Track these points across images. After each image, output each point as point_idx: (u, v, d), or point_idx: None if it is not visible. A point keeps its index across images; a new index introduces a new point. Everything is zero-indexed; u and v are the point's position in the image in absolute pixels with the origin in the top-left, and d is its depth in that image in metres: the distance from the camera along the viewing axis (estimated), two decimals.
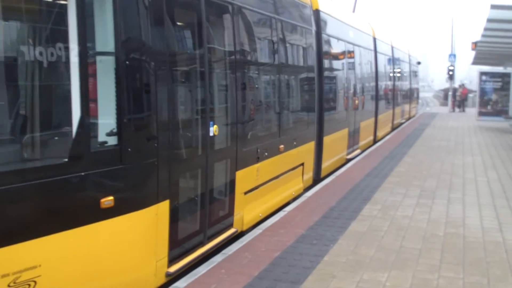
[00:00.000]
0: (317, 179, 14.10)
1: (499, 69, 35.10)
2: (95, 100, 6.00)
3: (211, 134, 8.10)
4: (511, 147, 21.68)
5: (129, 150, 6.29)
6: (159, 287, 7.12)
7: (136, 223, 6.54)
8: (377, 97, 23.14)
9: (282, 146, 11.11)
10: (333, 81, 15.79)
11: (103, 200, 5.98)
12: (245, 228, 9.61)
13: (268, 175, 10.53)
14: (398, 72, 30.27)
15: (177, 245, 7.45)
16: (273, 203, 10.96)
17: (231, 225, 9.13)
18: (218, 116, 8.49)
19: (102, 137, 6.11)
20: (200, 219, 8.08)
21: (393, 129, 28.43)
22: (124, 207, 6.27)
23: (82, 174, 5.79)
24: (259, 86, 10.67)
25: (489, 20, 12.77)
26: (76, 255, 5.80)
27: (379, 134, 24.10)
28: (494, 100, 33.94)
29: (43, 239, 5.40)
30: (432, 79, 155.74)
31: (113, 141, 6.16)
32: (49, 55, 5.55)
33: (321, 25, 14.25)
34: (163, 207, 6.95)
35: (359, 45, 19.49)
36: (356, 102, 18.45)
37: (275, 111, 11.16)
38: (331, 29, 15.43)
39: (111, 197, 6.06)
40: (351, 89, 18.06)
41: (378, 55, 23.50)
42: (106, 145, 6.14)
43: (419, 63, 42.56)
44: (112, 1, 5.97)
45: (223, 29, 8.87)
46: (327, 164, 14.85)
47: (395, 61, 29.01)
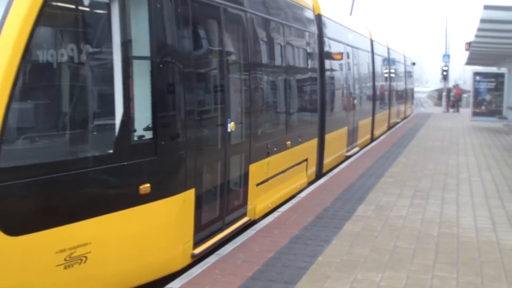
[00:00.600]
0: (319, 174, 14.73)
1: (493, 70, 35.14)
2: (134, 99, 6.73)
3: (229, 130, 8.90)
4: (505, 147, 21.73)
5: (162, 143, 7.10)
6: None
7: (167, 208, 7.32)
8: (374, 97, 23.92)
9: (289, 142, 11.86)
10: (334, 82, 16.51)
11: (141, 186, 6.81)
12: (257, 217, 10.28)
13: (276, 169, 11.27)
14: (393, 73, 31.15)
15: (201, 230, 8.15)
16: (281, 195, 11.67)
17: (245, 214, 9.85)
18: (234, 114, 9.27)
19: (140, 132, 6.88)
20: (219, 207, 8.85)
21: (389, 128, 29.05)
22: (158, 193, 7.05)
23: (125, 163, 6.62)
24: (269, 87, 11.54)
25: (482, 20, 12.79)
26: (119, 235, 6.62)
27: (376, 133, 24.82)
28: (488, 100, 34.00)
29: (93, 219, 6.23)
30: (426, 80, 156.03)
31: (149, 135, 6.96)
32: (97, 61, 6.64)
33: (322, 29, 15.07)
34: (190, 195, 7.71)
35: (358, 47, 20.26)
36: (354, 102, 19.21)
37: (283, 110, 11.98)
38: (331, 33, 16.12)
39: (148, 184, 6.87)
40: (350, 90, 18.81)
41: (375, 56, 24.30)
42: (143, 138, 6.92)
43: (414, 64, 43.43)
44: (148, 16, 6.88)
45: (239, 35, 9.71)
46: (328, 160, 15.57)
47: (391, 62, 29.79)
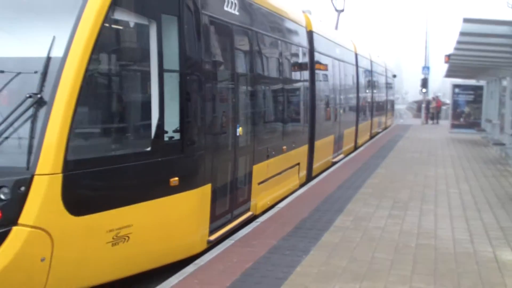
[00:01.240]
0: (309, 178, 15.98)
1: (472, 82, 35.43)
2: (165, 105, 7.94)
3: (237, 134, 10.30)
4: (483, 159, 21.88)
5: (187, 143, 8.38)
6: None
7: (191, 199, 8.57)
8: (358, 108, 25.38)
9: (285, 147, 13.33)
10: (323, 93, 17.82)
11: (171, 179, 8.10)
12: (257, 212, 11.48)
13: (274, 170, 12.62)
14: (376, 84, 32.76)
15: (214, 220, 9.39)
16: (277, 195, 12.92)
17: (248, 209, 11.14)
18: (241, 120, 10.63)
19: (170, 133, 8.13)
20: (229, 201, 10.17)
21: (371, 137, 30.49)
22: (184, 186, 8.30)
23: (159, 159, 7.91)
24: (270, 96, 12.97)
25: (462, 33, 12.88)
26: (153, 220, 7.88)
27: (359, 141, 26.16)
28: (466, 112, 34.23)
29: (134, 206, 7.50)
30: (406, 91, 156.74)
31: (177, 136, 8.22)
32: (138, 73, 8.07)
33: (314, 44, 16.44)
34: (207, 189, 8.98)
35: (344, 60, 21.77)
36: (341, 112, 20.77)
37: (280, 117, 13.40)
38: (321, 47, 17.47)
39: (177, 178, 8.16)
40: (337, 100, 20.32)
41: (359, 69, 25.87)
42: (172, 139, 8.16)
43: (394, 76, 45.38)
44: (177, 36, 8.20)
45: (247, 52, 11.15)
46: (317, 165, 16.89)
47: (373, 75, 31.45)
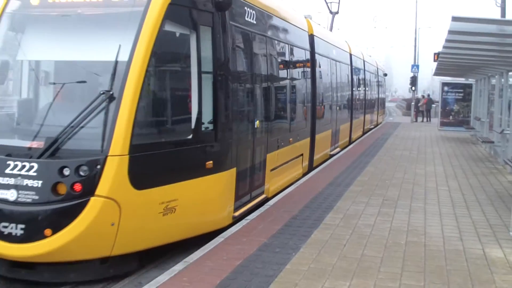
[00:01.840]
0: (310, 168, 17.41)
1: (461, 80, 35.46)
2: (202, 101, 9.53)
3: (256, 126, 11.86)
4: (472, 157, 21.96)
5: (219, 133, 9.95)
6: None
7: (221, 180, 10.15)
8: (352, 105, 26.85)
9: (291, 139, 14.78)
10: (322, 91, 19.26)
11: (207, 162, 9.70)
12: (270, 195, 12.91)
13: (283, 159, 14.12)
14: (368, 83, 34.50)
15: (238, 199, 10.96)
16: (285, 181, 14.37)
17: (263, 192, 12.59)
18: (258, 114, 12.23)
19: (206, 124, 9.75)
20: (249, 183, 11.66)
21: (364, 133, 31.91)
22: (216, 168, 9.89)
23: (198, 146, 9.59)
24: (280, 94, 14.50)
25: (450, 31, 12.88)
26: (193, 196, 9.46)
27: (353, 136, 27.72)
28: (456, 110, 34.30)
29: (179, 183, 9.11)
30: (395, 89, 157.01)
31: (211, 127, 9.83)
32: (183, 74, 9.59)
33: (314, 47, 18.02)
34: (233, 172, 10.56)
35: (340, 61, 23.38)
36: (337, 109, 22.34)
37: (288, 112, 14.88)
38: (321, 49, 19.10)
39: (211, 161, 9.75)
40: (334, 98, 21.82)
41: (353, 68, 27.46)
42: (208, 129, 9.79)
43: (385, 74, 47.41)
44: (211, 43, 9.80)
45: (263, 55, 12.70)
46: (317, 156, 18.41)
47: (366, 74, 33.16)
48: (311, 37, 17.89)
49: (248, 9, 11.67)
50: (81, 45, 9.19)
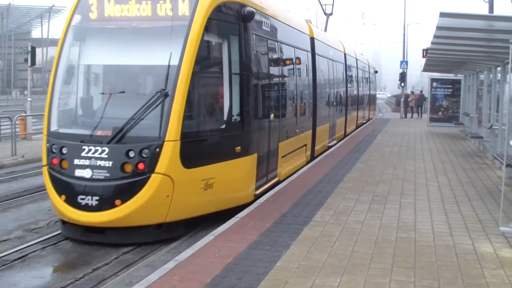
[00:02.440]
0: (312, 157, 19.22)
1: (450, 76, 35.50)
2: (232, 97, 11.54)
3: (271, 118, 13.74)
4: (462, 152, 22.03)
5: (245, 123, 11.89)
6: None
7: (247, 163, 12.14)
8: (346, 101, 28.52)
9: (297, 130, 16.66)
10: (321, 88, 20.98)
11: (236, 148, 11.69)
12: (281, 179, 14.77)
13: (291, 148, 16.02)
14: (361, 80, 36.21)
15: (258, 180, 12.88)
16: (292, 167, 16.21)
17: (276, 176, 14.48)
18: (273, 107, 14.15)
19: (235, 117, 11.72)
20: (266, 167, 13.53)
21: (357, 127, 33.68)
22: (243, 153, 11.89)
23: (229, 134, 11.61)
24: (289, 89, 16.30)
25: (439, 27, 12.89)
26: (226, 176, 11.44)
27: (348, 130, 29.45)
28: (445, 106, 34.34)
29: (217, 164, 11.19)
30: (385, 85, 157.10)
31: (238, 119, 11.78)
32: (218, 74, 11.54)
33: (315, 49, 19.89)
34: (255, 157, 12.50)
35: (336, 60, 25.20)
36: (334, 104, 24.26)
37: (295, 107, 16.75)
38: (320, 50, 20.88)
39: (239, 147, 11.76)
40: (331, 94, 23.71)
41: (347, 66, 29.22)
42: (236, 120, 11.74)
43: (376, 72, 48.42)
44: (238, 49, 11.78)
45: (275, 58, 14.71)
46: (318, 147, 20.25)
47: (358, 71, 34.88)
48: (312, 40, 19.76)
49: (264, 19, 13.69)
50: (139, 52, 11.45)
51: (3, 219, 12.05)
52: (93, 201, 10.00)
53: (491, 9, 29.92)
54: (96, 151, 10.20)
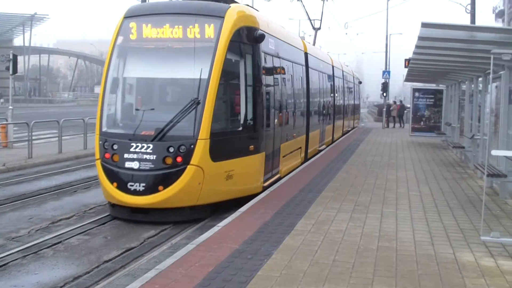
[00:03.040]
0: (305, 159, 21.32)
1: (432, 86, 35.66)
2: (247, 105, 13.82)
3: (275, 123, 15.93)
4: (443, 162, 22.14)
5: (257, 126, 14.14)
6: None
7: (258, 159, 14.40)
8: (334, 110, 30.74)
9: (294, 134, 19.04)
10: (313, 97, 23.42)
11: (250, 146, 13.94)
12: (282, 175, 16.95)
13: (289, 149, 18.29)
14: (346, 90, 38.44)
15: (265, 174, 15.09)
16: (290, 166, 18.45)
17: (278, 172, 16.65)
18: (277, 114, 16.33)
19: (249, 120, 13.94)
20: (271, 164, 15.67)
21: (343, 134, 35.89)
22: (255, 151, 14.13)
23: (245, 134, 13.89)
24: (289, 100, 18.53)
25: (420, 38, 12.96)
26: (242, 169, 13.68)
27: (335, 136, 31.70)
28: (427, 116, 34.48)
29: (235, 159, 13.52)
30: (367, 95, 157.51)
31: (252, 122, 14.01)
32: (237, 86, 13.79)
33: (308, 63, 22.38)
34: (263, 155, 14.71)
35: (325, 72, 27.69)
36: (323, 112, 26.49)
37: (293, 114, 19.00)
38: (312, 64, 23.29)
39: (253, 146, 14.00)
40: (321, 103, 26.00)
41: (334, 78, 31.38)
42: (250, 124, 13.98)
43: (360, 82, 50.85)
44: (251, 64, 14.17)
45: (278, 73, 16.94)
46: (310, 150, 22.54)
47: (344, 82, 37.05)
48: (306, 55, 22.28)
49: (270, 39, 15.88)
50: (175, 67, 13.72)
51: None
52: (140, 187, 12.29)
53: (473, 19, 30.16)
54: (142, 147, 12.48)
